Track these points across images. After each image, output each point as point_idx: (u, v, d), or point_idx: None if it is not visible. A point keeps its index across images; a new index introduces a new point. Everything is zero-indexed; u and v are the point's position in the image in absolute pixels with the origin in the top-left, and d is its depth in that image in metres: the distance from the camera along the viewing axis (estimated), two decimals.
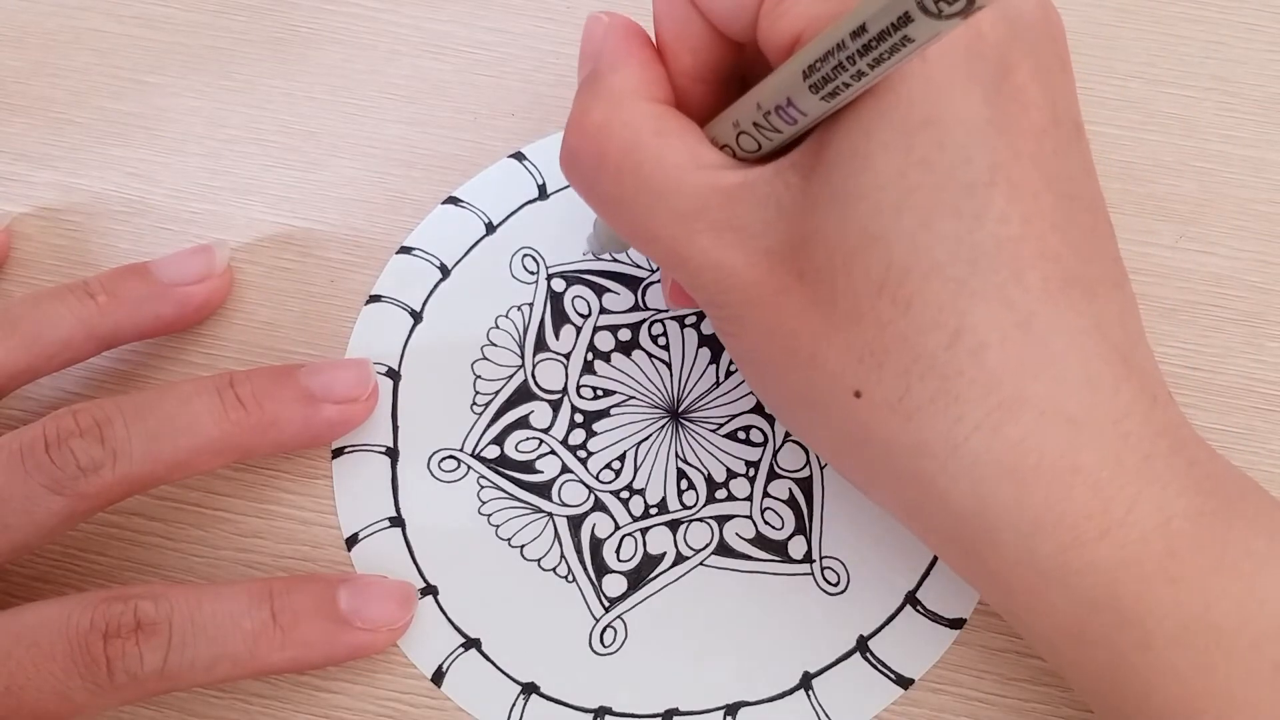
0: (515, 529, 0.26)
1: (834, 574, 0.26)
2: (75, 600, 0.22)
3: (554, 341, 0.28)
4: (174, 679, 0.22)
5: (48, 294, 0.26)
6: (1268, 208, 0.30)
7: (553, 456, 0.27)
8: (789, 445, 0.27)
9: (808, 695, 0.25)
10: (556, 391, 0.28)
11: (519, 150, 0.30)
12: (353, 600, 0.24)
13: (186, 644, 0.22)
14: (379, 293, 0.29)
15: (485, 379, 0.28)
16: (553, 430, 0.27)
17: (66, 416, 0.23)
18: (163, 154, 0.31)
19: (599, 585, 0.26)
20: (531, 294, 0.29)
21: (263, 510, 0.27)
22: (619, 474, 0.27)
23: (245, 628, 0.23)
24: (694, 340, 0.28)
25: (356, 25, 0.32)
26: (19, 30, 0.32)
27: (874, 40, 0.16)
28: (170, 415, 0.24)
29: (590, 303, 0.28)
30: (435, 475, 0.27)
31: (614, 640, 0.25)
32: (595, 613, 0.26)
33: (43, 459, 0.22)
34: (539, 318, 0.28)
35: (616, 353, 0.28)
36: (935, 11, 0.15)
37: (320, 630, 0.24)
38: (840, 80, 0.18)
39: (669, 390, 0.28)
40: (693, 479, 0.27)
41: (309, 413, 0.25)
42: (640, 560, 0.26)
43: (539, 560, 0.26)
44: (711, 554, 0.26)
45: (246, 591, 0.23)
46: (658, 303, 0.29)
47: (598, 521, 0.26)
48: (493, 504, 0.27)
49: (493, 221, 0.29)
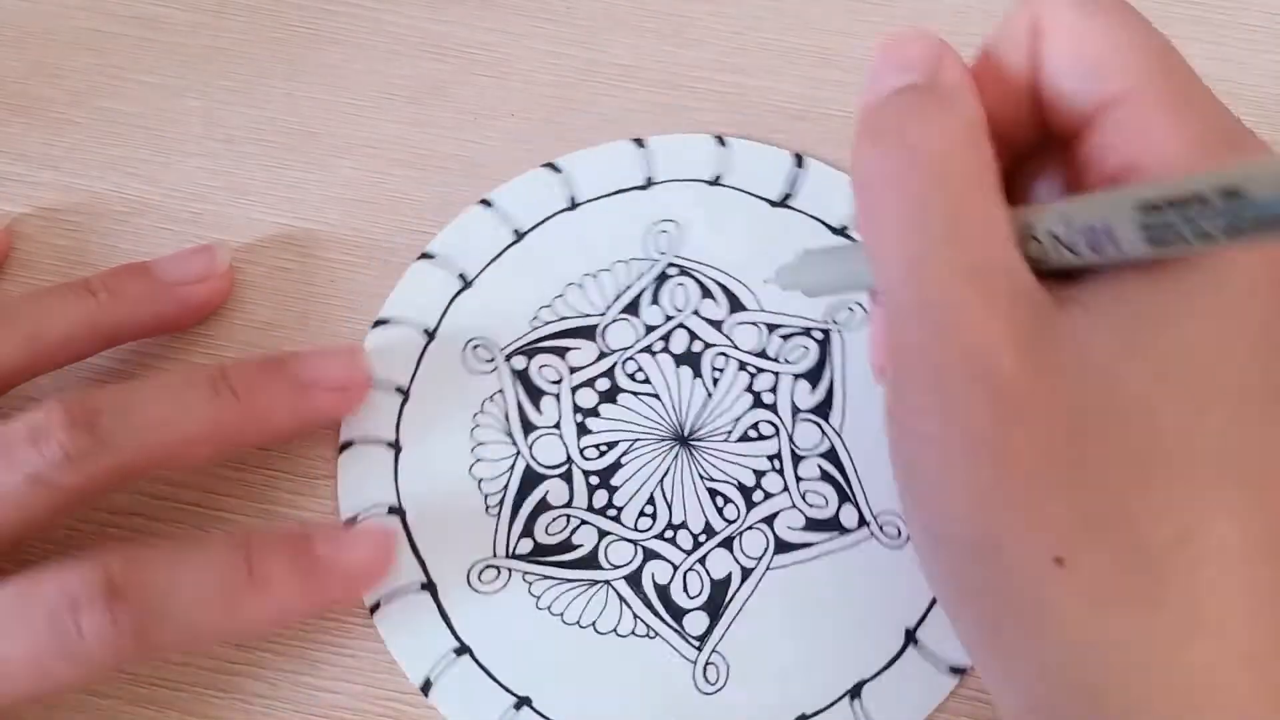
0: (579, 610, 0.26)
1: (892, 528, 0.26)
2: (45, 572, 0.22)
3: (538, 417, 0.27)
4: (151, 643, 0.22)
5: (49, 291, 0.26)
6: None
7: (586, 527, 0.26)
8: (801, 425, 0.27)
9: (916, 650, 0.25)
10: (561, 464, 0.27)
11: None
12: (329, 547, 0.24)
13: (160, 606, 0.22)
14: (349, 439, 0.27)
15: (488, 479, 0.27)
16: (574, 502, 0.27)
17: (55, 406, 0.23)
18: (163, 154, 0.31)
19: (681, 627, 0.25)
20: (496, 381, 0.28)
21: (262, 510, 0.27)
22: (655, 517, 0.26)
23: (221, 584, 0.22)
24: (670, 364, 0.28)
25: (356, 25, 0.32)
26: (19, 30, 0.32)
27: (1247, 209, 0.15)
28: (160, 406, 0.24)
29: (557, 367, 0.28)
30: (479, 590, 0.26)
31: (717, 676, 0.25)
32: (688, 656, 0.25)
33: (30, 451, 0.22)
34: (515, 401, 0.27)
35: (604, 404, 0.27)
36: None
37: (297, 581, 0.23)
38: (1175, 232, 0.16)
39: (668, 419, 0.27)
40: (726, 493, 0.26)
41: (300, 400, 0.25)
42: (711, 589, 0.26)
43: (615, 629, 0.25)
44: (774, 555, 0.26)
45: (221, 545, 0.23)
46: (619, 341, 0.28)
47: (655, 570, 0.26)
48: (548, 595, 0.26)
49: (429, 327, 0.28)
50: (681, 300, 0.28)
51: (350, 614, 0.26)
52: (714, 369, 0.28)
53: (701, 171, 0.30)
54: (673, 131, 0.31)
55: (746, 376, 0.28)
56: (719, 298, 0.28)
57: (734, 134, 0.31)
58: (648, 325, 0.28)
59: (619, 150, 0.30)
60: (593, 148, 0.30)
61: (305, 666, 0.25)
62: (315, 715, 0.25)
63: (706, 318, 0.28)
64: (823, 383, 0.27)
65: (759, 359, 0.28)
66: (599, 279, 0.29)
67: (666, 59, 0.32)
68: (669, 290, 0.29)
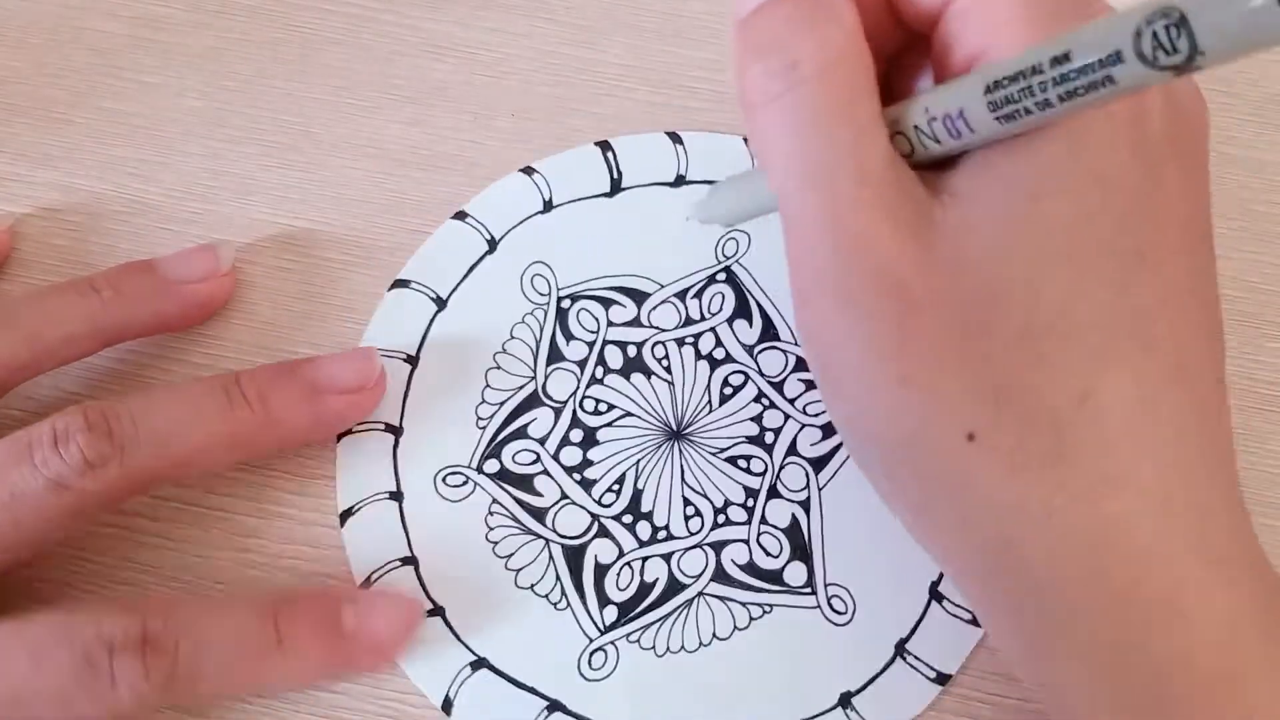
0: (512, 548, 0.26)
1: (840, 602, 0.25)
2: (82, 611, 0.22)
3: (566, 349, 0.28)
4: (177, 696, 0.22)
5: (51, 290, 0.26)
6: (1266, 208, 0.30)
7: (547, 479, 0.27)
8: (789, 468, 0.27)
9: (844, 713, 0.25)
10: (562, 401, 0.28)
11: (528, 165, 0.30)
12: (357, 617, 0.24)
13: (191, 662, 0.22)
14: (368, 342, 0.28)
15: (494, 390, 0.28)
16: (547, 443, 0.27)
17: (75, 413, 0.23)
18: (163, 154, 0.31)
19: (598, 612, 0.25)
20: (544, 307, 0.29)
21: (261, 510, 0.27)
22: (619, 495, 0.27)
23: (250, 647, 0.23)
24: (691, 356, 0.28)
25: (356, 25, 0.32)
26: (19, 30, 0.32)
27: (1075, 72, 0.16)
28: (178, 413, 0.24)
29: (598, 317, 0.28)
30: (444, 495, 0.27)
31: (603, 663, 0.25)
32: (590, 634, 0.25)
33: (50, 454, 0.23)
34: (549, 333, 0.28)
35: (620, 373, 0.28)
36: (1150, 59, 0.14)
37: (324, 649, 0.24)
38: (1023, 104, 0.17)
39: (670, 411, 0.27)
40: (699, 506, 0.26)
41: (315, 407, 0.25)
42: (635, 591, 0.26)
43: (533, 586, 0.26)
44: (710, 582, 0.26)
45: (252, 609, 0.23)
46: (661, 322, 0.28)
47: (600, 550, 0.26)
48: (499, 528, 0.26)
49: (494, 237, 0.29)
50: (717, 307, 0.28)
51: None
52: (725, 382, 0.28)
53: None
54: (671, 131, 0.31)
55: (758, 408, 0.28)
56: (755, 320, 0.28)
57: (735, 135, 0.31)
58: (689, 317, 0.28)
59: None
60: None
61: None
62: (315, 715, 0.25)
63: (738, 337, 0.28)
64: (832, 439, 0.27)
65: (776, 392, 0.28)
66: (661, 262, 0.29)
67: (666, 59, 0.32)
68: (710, 293, 0.29)
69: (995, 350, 0.19)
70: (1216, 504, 0.19)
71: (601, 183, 0.30)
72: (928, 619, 0.25)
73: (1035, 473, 0.19)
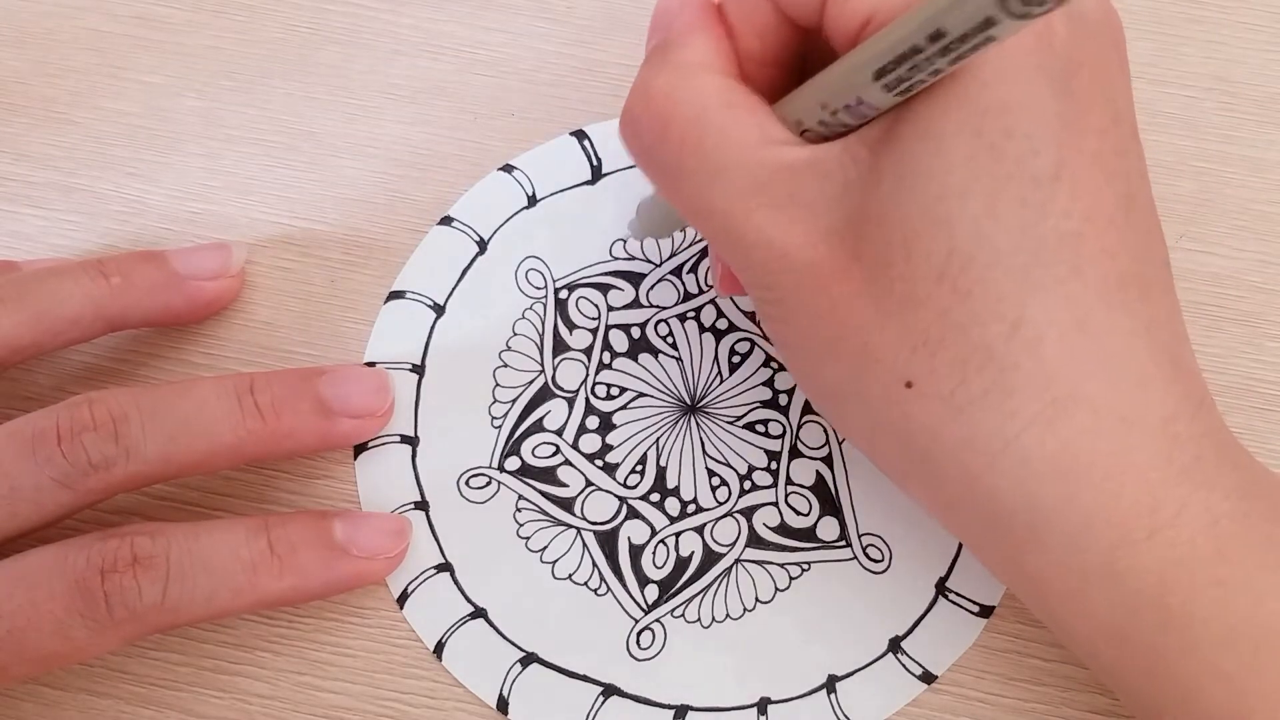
0: (545, 542, 0.26)
1: (875, 550, 0.26)
2: (72, 541, 0.22)
3: (570, 338, 0.28)
4: (173, 612, 0.22)
5: (61, 269, 0.26)
6: (1268, 208, 0.30)
7: (570, 469, 0.27)
8: (808, 426, 0.27)
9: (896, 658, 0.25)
10: (573, 390, 0.28)
11: (508, 163, 0.30)
12: (347, 529, 0.24)
13: (185, 575, 0.22)
14: (372, 359, 0.28)
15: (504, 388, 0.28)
16: (564, 433, 0.27)
17: (83, 407, 0.23)
18: (163, 154, 0.31)
19: (639, 592, 0.26)
20: (543, 300, 0.29)
21: (262, 510, 0.27)
22: (644, 475, 0.27)
23: (243, 557, 0.23)
24: (695, 330, 0.28)
25: (356, 25, 0.32)
26: (19, 30, 0.32)
27: (954, 43, 0.16)
28: (187, 417, 0.24)
29: (596, 303, 0.28)
30: (467, 497, 0.27)
31: (651, 643, 0.25)
32: (634, 615, 0.26)
33: (54, 452, 0.22)
34: (551, 325, 0.28)
35: (628, 355, 0.28)
36: (1021, 13, 0.15)
37: (317, 558, 0.24)
38: (915, 80, 0.17)
39: (682, 385, 0.27)
40: (724, 475, 0.27)
41: (325, 426, 0.25)
42: (674, 565, 0.26)
43: (570, 576, 0.26)
44: (745, 548, 0.26)
45: (243, 524, 0.24)
46: (661, 300, 0.29)
47: (632, 531, 0.26)
48: (530, 525, 0.26)
49: (483, 238, 0.29)
50: (714, 278, 0.28)
51: (350, 612, 0.26)
52: (733, 351, 0.28)
53: None
54: None
55: (768, 371, 0.28)
56: None
57: None
58: (688, 291, 0.28)
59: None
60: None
61: (305, 666, 0.25)
62: (315, 715, 0.25)
63: (738, 305, 0.28)
64: None
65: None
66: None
67: None
68: (705, 266, 0.29)
69: (918, 295, 0.19)
70: (1178, 408, 0.19)
71: (582, 171, 0.30)
72: (965, 554, 0.26)
73: (981, 409, 0.19)
